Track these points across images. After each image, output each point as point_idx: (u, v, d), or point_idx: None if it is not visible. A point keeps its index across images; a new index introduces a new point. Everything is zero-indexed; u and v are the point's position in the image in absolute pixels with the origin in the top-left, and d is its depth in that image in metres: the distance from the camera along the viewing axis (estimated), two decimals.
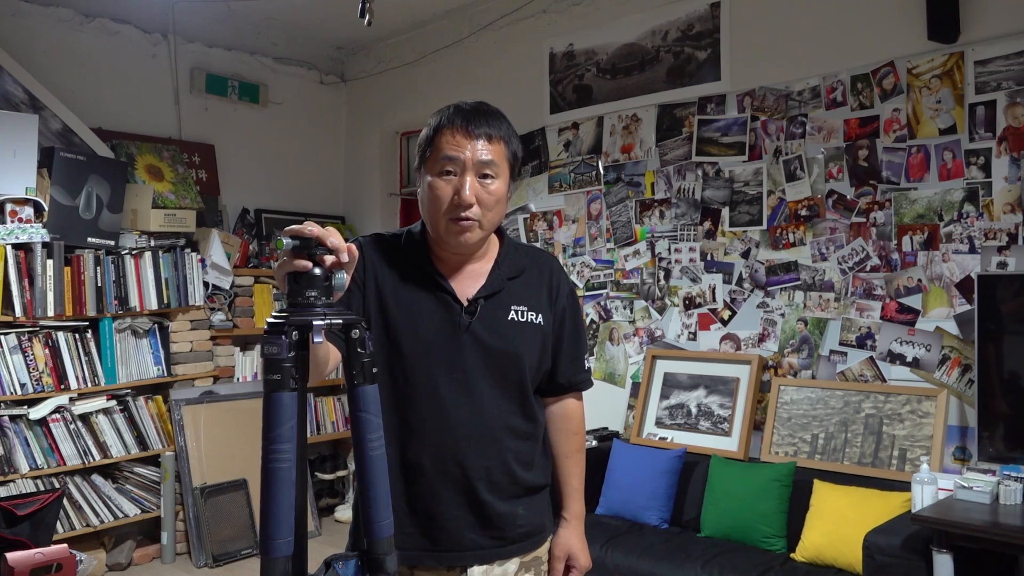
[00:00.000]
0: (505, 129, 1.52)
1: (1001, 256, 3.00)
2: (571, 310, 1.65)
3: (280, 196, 5.26)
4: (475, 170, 1.46)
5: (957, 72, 3.11)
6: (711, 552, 3.05)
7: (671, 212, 3.95)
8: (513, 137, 1.54)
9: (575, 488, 1.72)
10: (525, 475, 1.59)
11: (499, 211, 1.51)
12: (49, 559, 3.22)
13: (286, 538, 1.09)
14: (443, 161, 1.46)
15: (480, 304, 1.52)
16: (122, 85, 4.55)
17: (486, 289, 1.53)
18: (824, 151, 3.45)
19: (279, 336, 1.10)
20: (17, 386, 3.81)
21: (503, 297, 1.54)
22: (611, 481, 3.63)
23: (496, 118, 1.51)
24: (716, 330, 3.78)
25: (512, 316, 1.54)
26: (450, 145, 1.45)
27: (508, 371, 1.54)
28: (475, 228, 1.47)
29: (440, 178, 1.46)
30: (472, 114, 1.48)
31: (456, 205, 1.45)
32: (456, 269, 1.55)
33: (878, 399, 3.23)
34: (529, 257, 1.63)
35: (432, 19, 4.97)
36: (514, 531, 1.57)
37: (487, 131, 1.47)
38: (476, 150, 1.45)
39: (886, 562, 2.53)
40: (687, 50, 3.89)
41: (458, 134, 1.46)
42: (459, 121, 1.46)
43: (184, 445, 4.28)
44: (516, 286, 1.57)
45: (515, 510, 1.56)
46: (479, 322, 1.51)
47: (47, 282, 3.89)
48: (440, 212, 1.47)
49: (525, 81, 4.53)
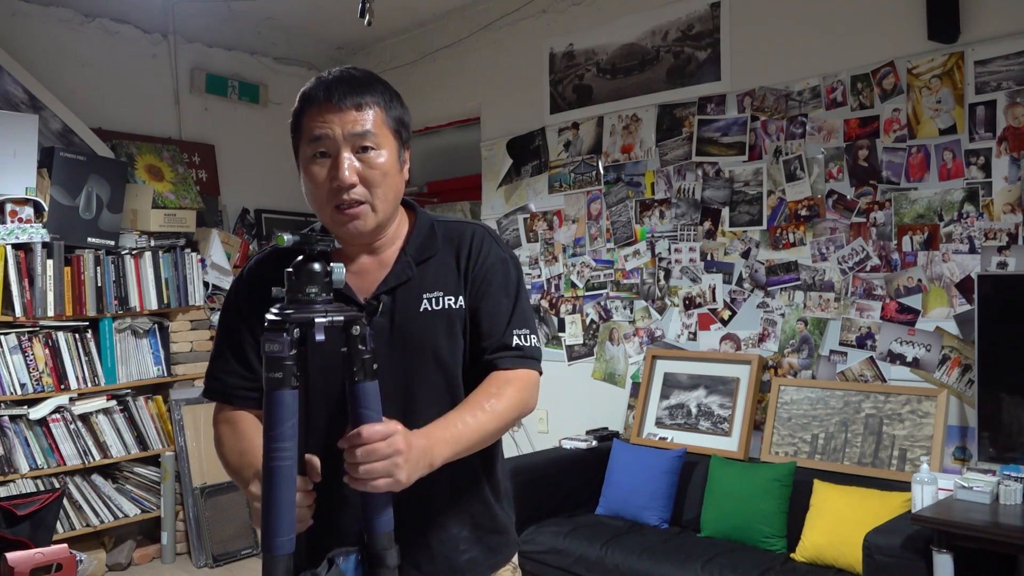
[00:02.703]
0: (379, 93, 1.30)
1: (1001, 256, 3.00)
2: (497, 276, 1.36)
3: (280, 196, 5.26)
4: (351, 144, 1.26)
5: (957, 72, 3.11)
6: (711, 552, 3.05)
7: (671, 212, 3.95)
8: (392, 100, 1.32)
9: (447, 420, 1.24)
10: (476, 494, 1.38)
11: (391, 186, 1.31)
12: (49, 559, 3.22)
13: (288, 536, 1.08)
14: (313, 143, 1.27)
15: (383, 301, 1.31)
16: (122, 85, 4.55)
17: (389, 281, 1.33)
18: (824, 151, 3.45)
19: (280, 334, 1.09)
20: (17, 386, 3.81)
21: (412, 287, 1.33)
22: (611, 481, 3.63)
23: (365, 83, 1.29)
24: (716, 330, 3.78)
25: (424, 306, 1.32)
26: (317, 123, 1.27)
27: (429, 372, 1.32)
28: (366, 212, 1.28)
29: (314, 163, 1.28)
30: (335, 84, 1.28)
31: (337, 189, 1.27)
32: (361, 265, 1.35)
33: (878, 399, 3.23)
34: (445, 233, 1.39)
35: (432, 19, 4.97)
36: (458, 557, 1.35)
37: (355, 99, 1.26)
38: (347, 122, 1.26)
39: (886, 562, 2.53)
40: (687, 50, 3.89)
41: (323, 109, 1.26)
42: (321, 95, 1.27)
43: (184, 445, 4.28)
44: (428, 270, 1.35)
45: (460, 533, 1.35)
46: (384, 318, 1.30)
47: (47, 282, 3.89)
48: (323, 200, 1.29)
49: (525, 81, 4.53)
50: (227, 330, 1.41)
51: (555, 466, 3.68)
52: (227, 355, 1.39)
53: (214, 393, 1.41)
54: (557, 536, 3.30)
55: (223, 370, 1.39)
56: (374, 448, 1.10)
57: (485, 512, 1.39)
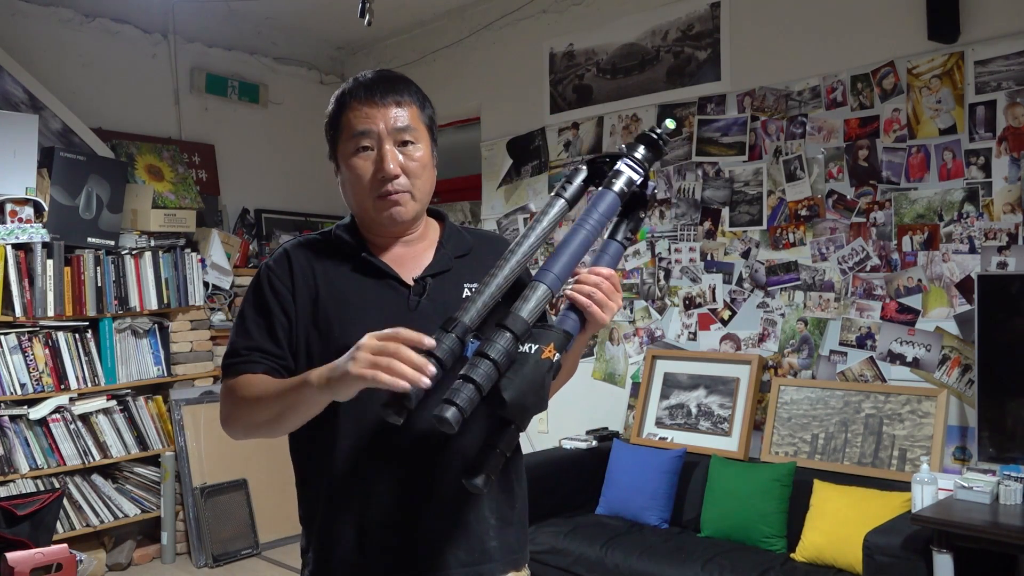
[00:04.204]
0: (414, 93, 1.39)
1: (1001, 256, 3.00)
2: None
3: (280, 196, 5.26)
4: (393, 138, 1.34)
5: (957, 72, 3.11)
6: (711, 552, 3.05)
7: (671, 212, 3.95)
8: (425, 101, 1.42)
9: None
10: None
11: (428, 179, 1.40)
12: (49, 559, 3.22)
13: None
14: (357, 138, 1.35)
15: (428, 283, 1.38)
16: (122, 85, 4.55)
17: (433, 268, 1.40)
18: (824, 151, 3.45)
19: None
20: (17, 386, 3.81)
21: (453, 276, 1.41)
22: (611, 481, 3.63)
23: (402, 83, 1.39)
24: (716, 330, 3.78)
25: (466, 294, 1.37)
26: (359, 119, 1.34)
27: None
28: (407, 200, 1.36)
29: (357, 156, 1.35)
30: (375, 83, 1.37)
31: (381, 179, 1.34)
32: (396, 254, 1.42)
33: (878, 399, 3.23)
34: (477, 237, 1.52)
35: (432, 19, 4.97)
36: (488, 542, 1.38)
37: (395, 97, 1.36)
38: (389, 118, 1.34)
39: (886, 562, 2.53)
40: (687, 50, 3.89)
41: (365, 106, 1.35)
42: (363, 93, 1.35)
43: (184, 445, 4.28)
44: (466, 265, 1.43)
45: (489, 519, 1.38)
46: (429, 302, 1.37)
47: (47, 282, 3.89)
48: (365, 191, 1.36)
49: (525, 81, 4.53)
50: (258, 310, 1.39)
51: (555, 466, 3.68)
52: (253, 332, 1.37)
53: (237, 367, 1.36)
54: (557, 536, 3.30)
55: (247, 346, 1.37)
56: (611, 282, 1.30)
57: (508, 507, 1.42)
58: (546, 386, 1.17)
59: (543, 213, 1.31)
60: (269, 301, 1.38)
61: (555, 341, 1.19)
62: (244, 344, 1.37)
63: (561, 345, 1.20)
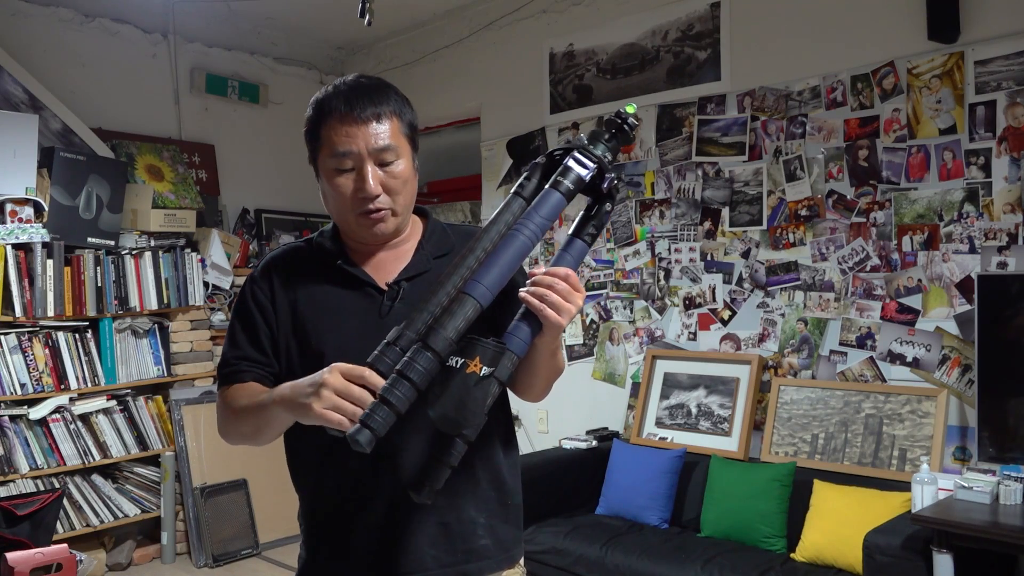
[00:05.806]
0: (393, 101, 1.37)
1: (1001, 256, 3.00)
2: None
3: (280, 196, 5.26)
4: (374, 159, 1.34)
5: (957, 72, 3.11)
6: (711, 552, 3.05)
7: (671, 212, 3.95)
8: (404, 107, 1.39)
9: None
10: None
11: (410, 191, 1.40)
12: (49, 559, 3.22)
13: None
14: (337, 158, 1.34)
15: (403, 287, 1.39)
16: (122, 85, 4.55)
17: (409, 271, 1.41)
18: (824, 151, 3.45)
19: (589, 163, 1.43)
20: (17, 386, 3.81)
21: (430, 278, 1.38)
22: (611, 481, 3.63)
23: (380, 92, 1.36)
24: (716, 330, 3.78)
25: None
26: (340, 138, 1.33)
27: None
28: (388, 217, 1.37)
29: (339, 175, 1.35)
30: (354, 95, 1.34)
31: (362, 199, 1.35)
32: (378, 259, 1.43)
33: (878, 399, 3.23)
34: (460, 235, 1.49)
35: (432, 19, 4.97)
36: (475, 542, 1.38)
37: (374, 110, 1.33)
38: (369, 137, 1.32)
39: (886, 562, 2.53)
40: (687, 50, 3.89)
41: (345, 123, 1.32)
42: (342, 107, 1.33)
43: (184, 445, 4.28)
44: (444, 264, 1.37)
45: (477, 518, 1.39)
46: (403, 305, 1.36)
47: (47, 282, 3.89)
48: (347, 209, 1.37)
49: (525, 81, 4.53)
50: (243, 321, 1.45)
51: (555, 466, 3.68)
52: (240, 342, 1.44)
53: (229, 377, 1.43)
54: (557, 536, 3.30)
55: (235, 356, 1.44)
56: (567, 282, 1.26)
57: (500, 504, 1.43)
58: (476, 399, 1.16)
59: (499, 214, 1.28)
60: (253, 313, 1.43)
61: (482, 355, 1.17)
62: (233, 354, 1.44)
63: (491, 358, 1.17)
